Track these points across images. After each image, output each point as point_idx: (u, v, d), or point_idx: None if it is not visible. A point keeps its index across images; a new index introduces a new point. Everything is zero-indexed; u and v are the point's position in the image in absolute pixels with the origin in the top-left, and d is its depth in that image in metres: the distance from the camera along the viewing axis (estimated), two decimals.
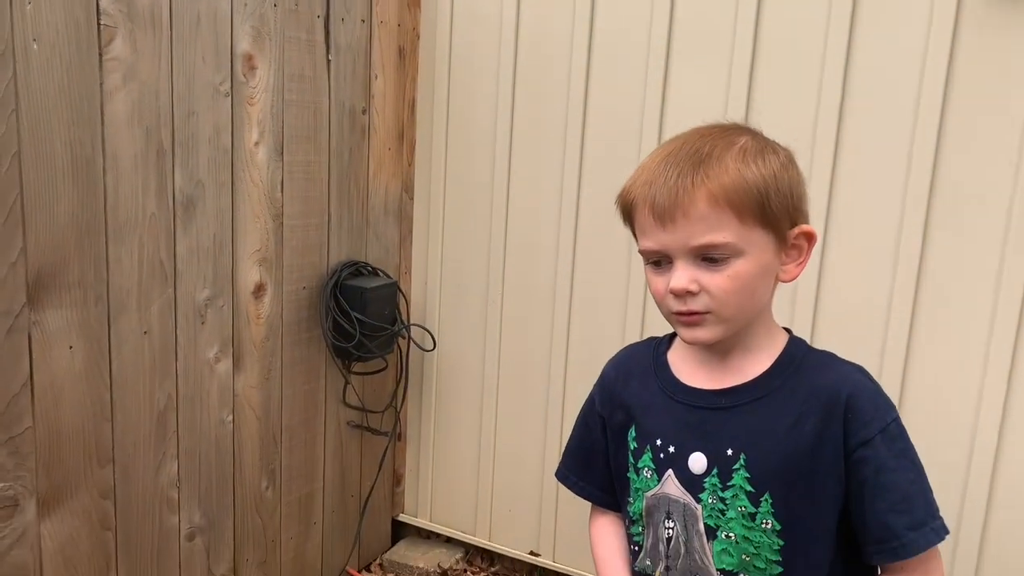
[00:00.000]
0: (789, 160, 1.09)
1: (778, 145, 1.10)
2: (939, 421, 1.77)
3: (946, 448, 1.77)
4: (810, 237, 1.10)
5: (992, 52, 1.66)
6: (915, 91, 1.73)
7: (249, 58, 1.83)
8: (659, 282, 1.08)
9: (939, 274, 1.75)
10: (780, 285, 1.13)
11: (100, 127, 1.56)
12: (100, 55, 1.54)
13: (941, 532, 1.06)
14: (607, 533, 1.28)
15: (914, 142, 1.73)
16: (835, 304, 1.85)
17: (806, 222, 1.10)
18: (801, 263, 1.11)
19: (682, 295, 1.05)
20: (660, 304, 1.10)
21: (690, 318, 1.06)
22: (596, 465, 1.27)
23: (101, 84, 1.55)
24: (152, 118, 1.65)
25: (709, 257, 1.04)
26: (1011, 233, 1.68)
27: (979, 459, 1.75)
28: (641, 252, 1.11)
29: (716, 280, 1.04)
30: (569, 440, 1.34)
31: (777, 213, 1.05)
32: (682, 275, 1.04)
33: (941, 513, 1.08)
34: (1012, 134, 1.66)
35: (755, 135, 1.09)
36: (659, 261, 1.08)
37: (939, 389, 1.78)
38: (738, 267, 1.04)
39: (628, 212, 1.12)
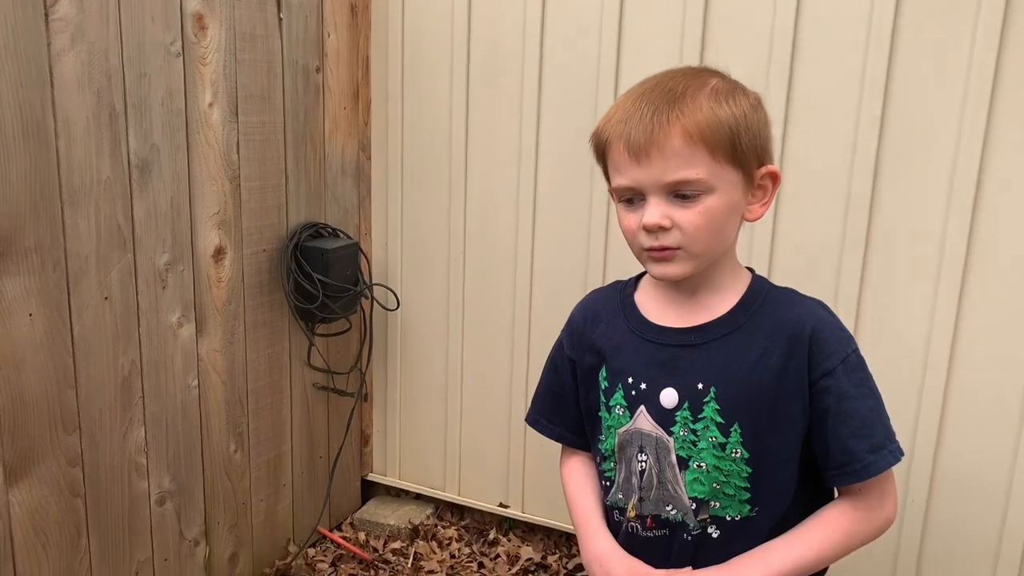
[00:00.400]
0: (758, 102, 1.12)
1: (747, 88, 1.13)
2: (893, 351, 1.84)
3: (900, 377, 1.84)
4: (775, 177, 1.14)
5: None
6: (863, 40, 1.76)
7: (199, 17, 1.80)
8: (631, 219, 1.10)
9: (889, 215, 1.81)
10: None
11: (50, 89, 1.53)
12: (46, 15, 1.51)
13: (898, 454, 1.12)
14: (578, 472, 1.31)
15: (864, 88, 1.77)
16: (791, 244, 1.90)
17: (772, 163, 1.13)
18: (765, 203, 1.15)
19: (654, 231, 1.07)
20: (631, 241, 1.12)
21: (661, 253, 1.09)
22: (566, 407, 1.30)
23: (49, 45, 1.51)
24: (103, 80, 1.62)
25: (681, 193, 1.06)
26: (958, 168, 1.73)
27: (930, 386, 1.83)
28: (613, 190, 1.13)
29: (688, 216, 1.07)
30: (538, 385, 1.37)
31: (746, 152, 1.08)
32: (655, 211, 1.07)
33: (896, 430, 1.14)
34: (957, 79, 1.70)
35: (724, 77, 1.12)
36: (631, 199, 1.10)
37: (892, 319, 1.84)
38: (709, 203, 1.07)
39: (601, 150, 1.14)
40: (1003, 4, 1.64)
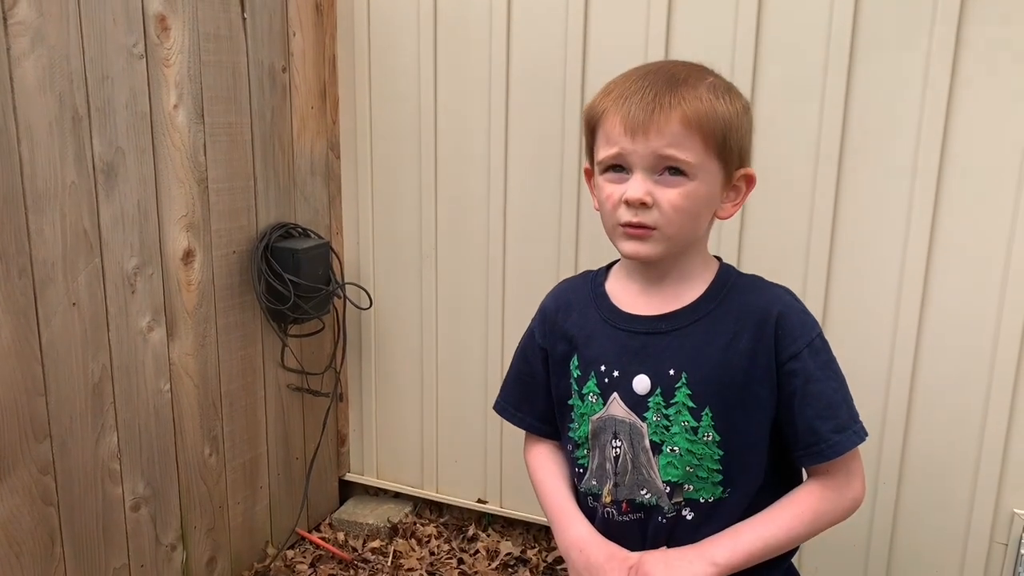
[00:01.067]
0: (748, 107, 1.16)
1: (739, 91, 1.16)
2: (861, 333, 1.87)
3: (867, 364, 1.86)
4: (750, 180, 1.18)
5: None
6: (825, 33, 1.78)
7: (162, 19, 1.79)
8: (614, 190, 1.12)
9: (855, 201, 1.83)
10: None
11: (10, 95, 1.51)
12: (4, 19, 1.49)
13: (862, 434, 1.15)
14: (546, 459, 1.33)
15: (827, 76, 1.80)
16: (759, 233, 1.92)
17: (750, 167, 1.17)
18: (737, 204, 1.19)
19: (636, 205, 1.09)
20: (609, 215, 1.14)
21: (637, 231, 1.11)
22: (535, 396, 1.31)
23: (8, 50, 1.50)
24: (64, 84, 1.60)
25: (669, 167, 1.09)
26: (920, 153, 1.76)
27: (898, 365, 1.85)
28: (600, 161, 1.14)
29: (669, 196, 1.09)
30: (507, 374, 1.38)
31: (732, 150, 1.12)
32: (639, 186, 1.09)
33: (865, 417, 1.16)
34: (916, 73, 1.74)
35: (719, 76, 1.16)
36: (616, 167, 1.12)
37: (860, 304, 1.86)
38: (690, 188, 1.09)
39: (593, 123, 1.15)
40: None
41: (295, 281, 2.09)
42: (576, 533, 1.22)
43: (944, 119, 1.72)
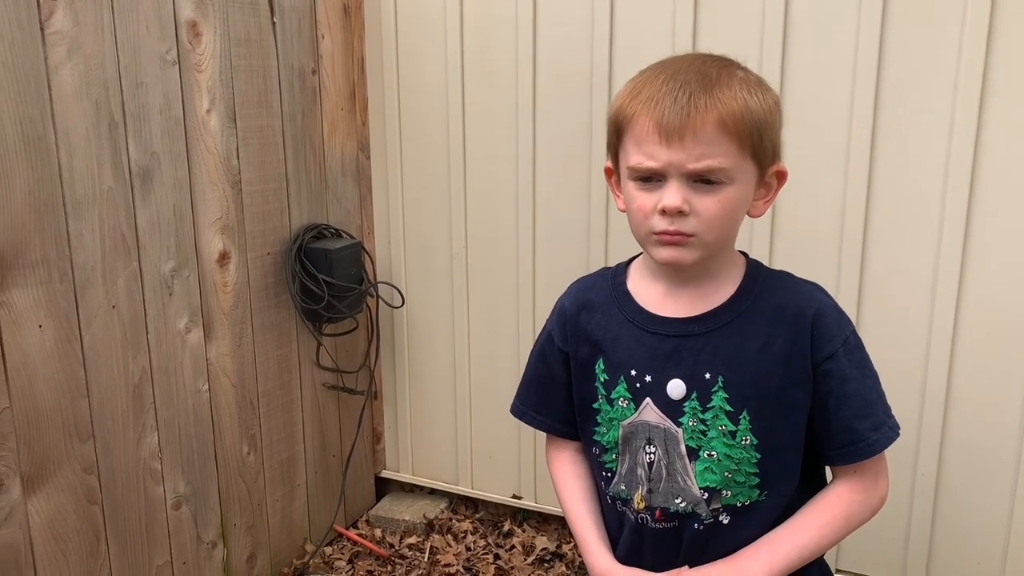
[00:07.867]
0: (778, 101, 1.11)
1: (769, 85, 1.12)
2: (896, 328, 1.85)
3: (904, 352, 1.85)
4: (781, 176, 1.14)
5: None
6: (855, 23, 1.77)
7: (193, 25, 1.81)
8: (647, 199, 1.07)
9: (887, 194, 1.81)
10: None
11: (49, 103, 1.54)
12: (42, 30, 1.52)
13: (896, 429, 1.13)
14: (568, 475, 1.31)
15: (857, 56, 1.78)
16: (791, 226, 1.90)
17: (781, 162, 1.13)
18: (769, 200, 1.14)
19: (673, 214, 1.05)
20: (641, 223, 1.09)
21: (673, 238, 1.07)
22: (555, 399, 1.29)
23: (46, 59, 1.53)
24: (100, 91, 1.63)
25: (703, 179, 1.05)
26: (953, 143, 1.73)
27: (935, 354, 1.83)
28: (632, 168, 1.08)
29: (707, 203, 1.05)
30: (524, 376, 1.35)
31: (766, 147, 1.08)
32: (676, 194, 1.04)
33: (903, 406, 1.14)
34: (949, 59, 1.71)
35: (748, 70, 1.11)
36: (648, 179, 1.07)
37: (895, 293, 1.85)
38: (728, 193, 1.06)
39: (622, 126, 1.09)
40: None
41: (329, 281, 2.11)
42: (602, 567, 1.21)
43: (978, 108, 1.70)
